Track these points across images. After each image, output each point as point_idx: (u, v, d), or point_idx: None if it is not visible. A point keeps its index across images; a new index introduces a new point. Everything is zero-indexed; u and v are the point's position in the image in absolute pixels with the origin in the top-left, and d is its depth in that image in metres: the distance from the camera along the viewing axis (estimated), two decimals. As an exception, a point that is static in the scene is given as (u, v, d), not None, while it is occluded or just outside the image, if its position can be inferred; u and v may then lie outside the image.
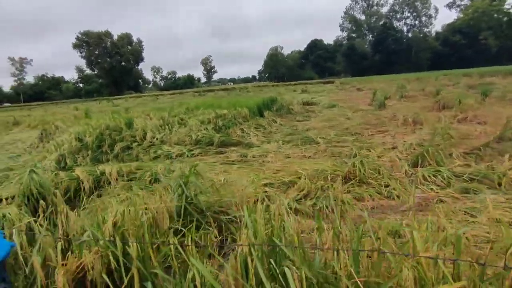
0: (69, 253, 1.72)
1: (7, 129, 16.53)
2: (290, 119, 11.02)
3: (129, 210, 1.98)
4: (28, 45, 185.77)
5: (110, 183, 4.79)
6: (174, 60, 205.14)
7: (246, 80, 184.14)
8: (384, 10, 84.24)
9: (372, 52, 78.61)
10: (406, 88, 19.90)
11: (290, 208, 3.67)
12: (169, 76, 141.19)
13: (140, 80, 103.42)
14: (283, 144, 7.38)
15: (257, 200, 3.90)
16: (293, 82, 58.28)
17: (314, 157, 6.20)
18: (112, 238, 1.75)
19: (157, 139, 6.98)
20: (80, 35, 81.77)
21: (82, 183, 4.45)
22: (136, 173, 4.92)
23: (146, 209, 2.24)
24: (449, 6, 79.35)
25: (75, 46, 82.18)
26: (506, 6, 45.72)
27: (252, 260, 1.50)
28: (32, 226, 2.46)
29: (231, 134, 7.99)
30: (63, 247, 1.76)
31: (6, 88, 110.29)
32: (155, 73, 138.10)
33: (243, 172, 5.27)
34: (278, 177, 4.71)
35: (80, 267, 1.67)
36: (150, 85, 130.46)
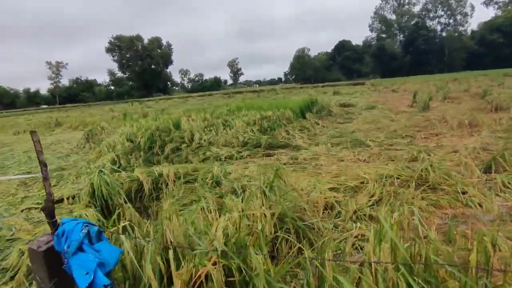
0: (184, 262, 1.61)
1: (49, 130, 17.20)
2: (331, 121, 10.74)
3: (240, 217, 1.86)
4: (63, 49, 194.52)
5: (167, 184, 4.76)
6: (201, 62, 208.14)
7: (272, 82, 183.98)
8: (416, 9, 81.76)
9: (402, 53, 76.33)
10: (448, 89, 19.01)
11: (364, 215, 3.47)
12: (196, 78, 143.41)
13: (168, 83, 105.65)
14: (332, 146, 7.15)
15: (327, 205, 3.72)
16: (321, 84, 57.51)
17: (369, 161, 5.94)
18: (225, 247, 1.63)
19: (204, 140, 6.93)
20: (112, 40, 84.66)
21: (142, 184, 4.43)
22: (192, 175, 4.86)
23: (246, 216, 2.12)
24: (486, 3, 75.85)
25: (108, 50, 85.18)
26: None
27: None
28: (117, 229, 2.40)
29: (277, 136, 7.84)
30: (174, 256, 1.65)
31: (43, 91, 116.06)
32: (183, 76, 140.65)
33: (299, 175, 5.09)
34: (340, 181, 4.50)
35: (196, 277, 1.56)
36: (177, 88, 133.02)
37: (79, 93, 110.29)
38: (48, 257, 1.78)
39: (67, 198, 4.84)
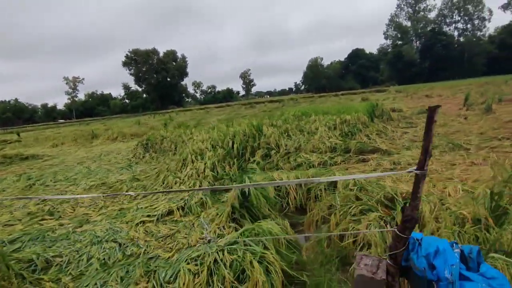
0: None
1: (87, 142, 16.99)
2: (395, 126, 10.19)
3: None
4: (80, 65, 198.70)
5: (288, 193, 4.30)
6: (214, 74, 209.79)
7: (283, 92, 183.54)
8: (432, 15, 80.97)
9: (420, 59, 75.35)
10: (501, 92, 18.35)
11: None
12: (209, 90, 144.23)
13: (184, 95, 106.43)
14: (427, 150, 6.58)
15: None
16: (340, 92, 56.79)
17: (486, 164, 5.36)
18: None
19: (291, 146, 6.46)
20: (129, 53, 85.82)
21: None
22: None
23: None
24: (504, 7, 74.66)
25: (125, 64, 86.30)
26: None
27: None
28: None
29: (359, 140, 7.33)
30: None
31: (59, 106, 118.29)
32: (196, 88, 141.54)
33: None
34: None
35: None
36: (189, 100, 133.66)
37: (95, 107, 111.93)
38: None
39: (177, 209, 4.40)
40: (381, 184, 3.93)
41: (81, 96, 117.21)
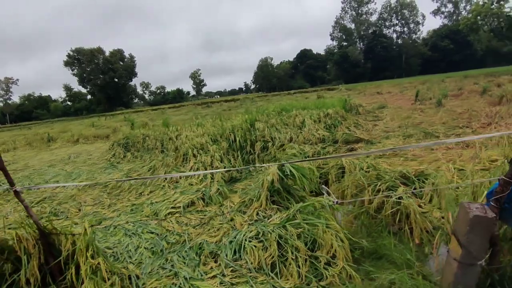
0: None
1: (44, 145, 15.87)
2: (364, 119, 11.00)
3: None
4: (14, 64, 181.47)
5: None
6: (162, 74, 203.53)
7: (233, 92, 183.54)
8: (373, 18, 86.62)
9: (364, 60, 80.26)
10: (445, 88, 20.30)
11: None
12: (158, 91, 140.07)
13: (134, 96, 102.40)
14: (404, 139, 7.31)
15: None
16: (292, 91, 58.50)
17: (467, 148, 6.09)
18: None
19: (287, 139, 6.80)
20: (71, 52, 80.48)
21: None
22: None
23: None
24: (434, 13, 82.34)
25: (67, 63, 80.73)
26: (507, 9, 47.55)
27: None
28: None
29: (338, 132, 7.89)
30: None
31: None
32: (144, 89, 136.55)
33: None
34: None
35: None
36: (136, 100, 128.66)
37: (33, 110, 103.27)
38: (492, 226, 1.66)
39: (198, 200, 4.52)
40: (390, 167, 4.40)
41: (15, 98, 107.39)
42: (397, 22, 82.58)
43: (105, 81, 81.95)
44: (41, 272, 2.31)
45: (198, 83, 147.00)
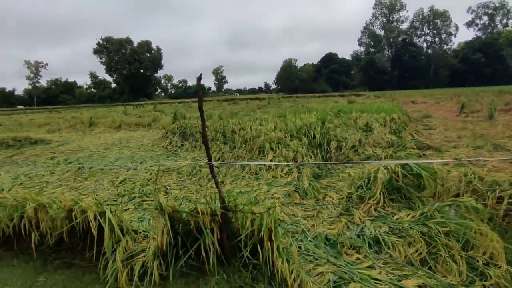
0: None
1: (86, 129, 16.25)
2: (415, 127, 10.86)
3: None
4: (44, 49, 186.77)
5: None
6: (185, 68, 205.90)
7: (253, 91, 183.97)
8: (404, 26, 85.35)
9: (391, 67, 79.26)
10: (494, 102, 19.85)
11: None
12: (180, 84, 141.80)
13: (158, 88, 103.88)
14: (474, 149, 7.18)
15: None
16: (317, 95, 58.22)
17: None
18: None
19: (358, 141, 6.80)
20: (101, 41, 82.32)
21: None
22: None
23: None
24: (468, 24, 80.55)
25: (96, 51, 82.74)
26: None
27: None
28: None
29: (404, 137, 7.82)
30: None
31: (19, 91, 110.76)
32: (167, 81, 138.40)
33: None
34: None
35: None
36: (157, 93, 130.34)
37: (59, 95, 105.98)
38: None
39: (293, 192, 4.56)
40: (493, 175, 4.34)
41: (43, 82, 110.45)
42: (428, 31, 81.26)
43: (131, 72, 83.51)
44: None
45: (220, 80, 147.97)
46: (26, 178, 6.70)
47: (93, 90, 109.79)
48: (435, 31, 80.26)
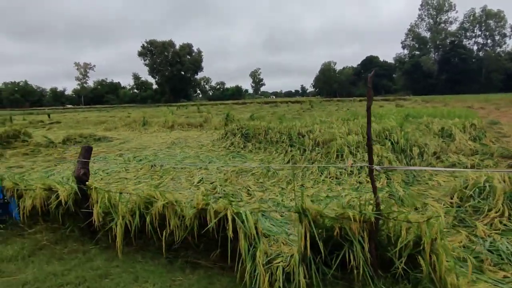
0: None
1: (141, 128, 16.81)
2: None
3: None
4: (92, 51, 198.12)
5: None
6: (223, 70, 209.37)
7: (289, 94, 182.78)
8: (453, 28, 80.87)
9: (438, 71, 75.43)
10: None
11: None
12: (218, 86, 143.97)
13: (197, 89, 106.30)
14: None
15: None
16: (358, 99, 56.67)
17: None
18: None
19: (438, 147, 6.42)
20: (145, 44, 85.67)
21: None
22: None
23: None
24: (525, 25, 75.00)
25: (140, 53, 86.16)
26: None
27: None
28: None
29: (487, 144, 7.29)
30: None
31: (68, 91, 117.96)
32: (205, 83, 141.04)
33: None
34: None
35: None
36: (195, 94, 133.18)
37: (104, 95, 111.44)
38: None
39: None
40: None
41: (90, 82, 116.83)
42: (479, 33, 76.48)
43: (172, 73, 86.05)
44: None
45: (257, 82, 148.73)
46: (104, 173, 6.96)
47: (135, 90, 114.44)
48: (487, 33, 75.28)
